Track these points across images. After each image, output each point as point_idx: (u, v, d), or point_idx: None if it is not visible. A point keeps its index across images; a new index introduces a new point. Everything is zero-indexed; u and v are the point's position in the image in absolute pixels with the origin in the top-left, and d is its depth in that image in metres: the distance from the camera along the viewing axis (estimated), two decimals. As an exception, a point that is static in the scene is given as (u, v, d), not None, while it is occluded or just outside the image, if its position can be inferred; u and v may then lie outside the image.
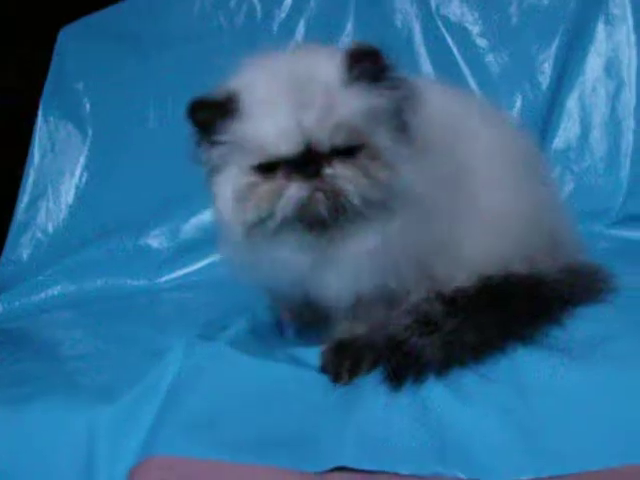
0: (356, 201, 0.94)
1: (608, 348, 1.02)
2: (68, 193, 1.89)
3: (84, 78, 1.94)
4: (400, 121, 0.98)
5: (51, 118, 1.91)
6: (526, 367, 0.98)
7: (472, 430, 0.92)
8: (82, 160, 1.90)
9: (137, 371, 1.11)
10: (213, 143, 0.99)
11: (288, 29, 1.86)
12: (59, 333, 1.49)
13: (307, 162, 0.94)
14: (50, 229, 1.87)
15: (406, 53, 1.81)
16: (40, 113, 1.91)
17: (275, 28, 1.88)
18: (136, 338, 1.34)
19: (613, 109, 1.81)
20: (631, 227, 1.71)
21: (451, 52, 1.80)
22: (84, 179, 1.90)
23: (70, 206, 1.88)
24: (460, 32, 1.80)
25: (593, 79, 1.82)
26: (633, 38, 1.79)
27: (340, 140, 0.94)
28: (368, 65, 0.96)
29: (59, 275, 1.80)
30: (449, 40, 1.81)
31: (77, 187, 1.89)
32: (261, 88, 0.98)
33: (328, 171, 0.94)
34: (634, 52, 1.79)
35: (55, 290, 1.78)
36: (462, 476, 0.88)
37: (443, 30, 1.81)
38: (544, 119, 1.81)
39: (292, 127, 0.93)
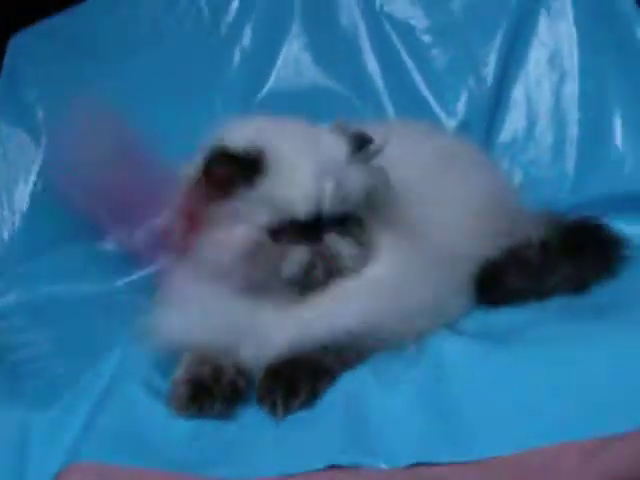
0: (349, 264, 1.04)
1: (530, 333, 1.05)
2: (22, 201, 1.89)
3: (37, 86, 1.94)
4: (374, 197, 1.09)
5: (3, 126, 1.91)
6: (449, 352, 1.02)
7: (394, 417, 0.94)
8: (36, 168, 1.90)
9: (75, 375, 1.13)
10: (225, 197, 1.02)
11: (235, 31, 1.88)
12: (6, 338, 1.49)
13: (313, 228, 1.03)
14: (5, 237, 1.87)
15: (352, 51, 1.84)
16: (-9, 121, 1.91)
17: (223, 31, 1.90)
18: (83, 341, 1.36)
19: (557, 101, 1.84)
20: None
21: (396, 48, 1.82)
22: (39, 186, 1.90)
23: (24, 214, 1.88)
24: (404, 29, 1.82)
25: (537, 72, 1.85)
26: (574, 30, 1.83)
27: (343, 210, 1.05)
28: (366, 150, 1.08)
29: (14, 283, 1.80)
30: (394, 37, 1.83)
31: (32, 194, 1.89)
32: (287, 151, 1.04)
33: (328, 236, 1.04)
34: (575, 44, 1.83)
35: (10, 298, 1.78)
36: (383, 466, 0.92)
37: (388, 27, 1.83)
38: (490, 112, 1.83)
39: (314, 193, 1.02)
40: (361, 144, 1.08)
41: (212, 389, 1.00)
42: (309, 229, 1.03)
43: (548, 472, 0.90)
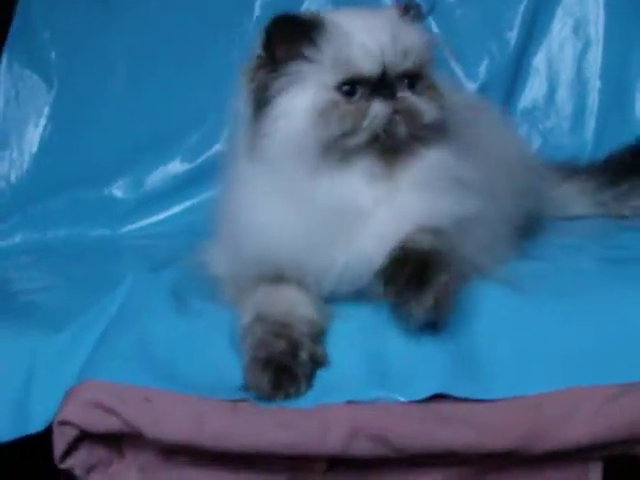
0: (427, 121, 1.02)
1: (558, 283, 1.04)
2: (32, 143, 1.86)
3: (50, 28, 1.91)
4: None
5: (15, 67, 1.88)
6: (477, 297, 1.00)
7: (411, 354, 0.93)
8: (47, 110, 1.87)
9: (84, 304, 1.12)
10: (288, 60, 1.01)
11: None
12: (13, 273, 1.48)
13: (384, 85, 1.01)
14: (13, 179, 1.84)
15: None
16: (4, 61, 1.88)
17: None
18: (90, 276, 1.35)
19: (580, 69, 1.82)
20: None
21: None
22: (49, 129, 1.87)
23: (34, 156, 1.85)
24: (430, -14, 1.80)
25: (560, 38, 1.82)
26: (601, -1, 1.80)
27: (407, 65, 1.02)
28: (416, 12, 1.08)
29: (21, 224, 1.78)
30: (418, -7, 1.80)
31: (41, 137, 1.86)
32: (344, 17, 1.04)
33: (401, 94, 1.02)
34: (602, 13, 1.80)
35: (17, 238, 1.76)
36: (401, 398, 0.90)
37: (412, -17, 1.80)
38: (511, 77, 1.81)
39: (374, 48, 1.01)
40: (407, 9, 1.08)
41: (293, 370, 0.92)
42: (381, 87, 1.01)
43: (566, 415, 0.89)
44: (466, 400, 0.90)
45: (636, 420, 0.90)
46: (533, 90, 1.83)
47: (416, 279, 0.92)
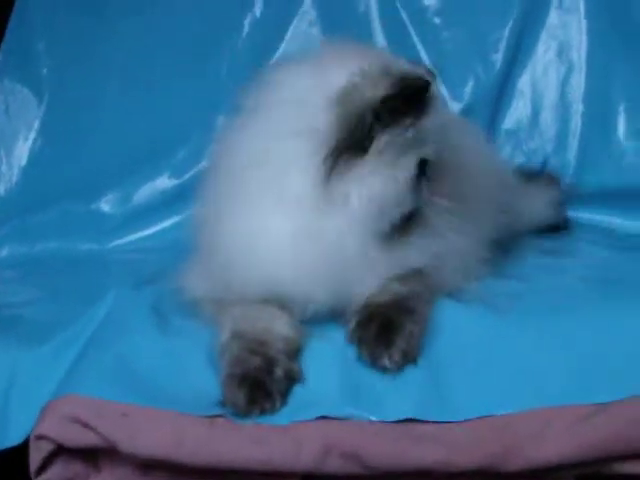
0: None
1: (530, 302, 1.06)
2: (21, 156, 1.87)
3: (43, 42, 1.93)
4: None
5: (6, 81, 1.90)
6: (448, 317, 1.02)
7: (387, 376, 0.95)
8: (37, 124, 1.89)
9: (67, 317, 1.13)
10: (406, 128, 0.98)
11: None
12: (-4, 286, 1.49)
13: None
14: (2, 192, 1.85)
15: (362, 28, 1.84)
16: (-5, 75, 1.90)
17: (234, -2, 1.89)
18: (75, 290, 1.36)
19: (563, 92, 1.85)
20: (577, 208, 1.74)
21: (406, 28, 1.82)
22: (38, 143, 1.89)
23: (23, 169, 1.86)
24: (416, 8, 1.83)
25: (545, 61, 1.85)
26: (584, 24, 1.83)
27: None
28: None
29: (9, 237, 1.79)
30: (405, 16, 1.83)
31: (31, 151, 1.87)
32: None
33: None
34: (584, 38, 1.83)
35: (4, 251, 1.77)
36: (373, 418, 0.92)
37: (399, 5, 1.83)
38: (495, 99, 1.84)
39: None
40: None
41: (268, 386, 0.93)
42: None
43: (537, 434, 0.91)
44: (437, 419, 0.91)
45: (608, 440, 0.92)
46: (517, 111, 1.86)
47: (383, 338, 0.96)
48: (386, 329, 0.96)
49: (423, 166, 1.02)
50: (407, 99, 0.97)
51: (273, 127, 1.01)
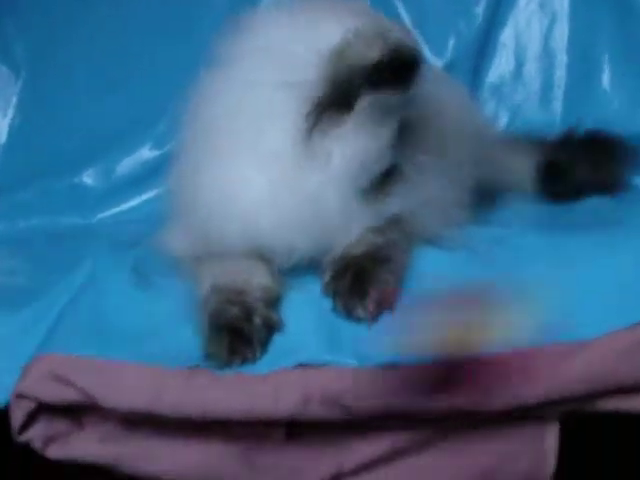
0: None
1: (507, 245, 1.05)
2: (1, 133, 1.85)
3: (17, 17, 1.90)
4: None
5: (-19, 57, 1.87)
6: (428, 262, 1.02)
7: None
8: (14, 100, 1.87)
9: (47, 284, 1.12)
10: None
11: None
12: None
13: None
14: (-18, 169, 1.84)
15: None
16: (-31, 53, 1.87)
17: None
18: (57, 260, 1.33)
19: (546, 44, 1.83)
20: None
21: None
22: (17, 119, 1.87)
23: (3, 146, 1.84)
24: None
25: (527, 13, 1.83)
26: (566, -28, 1.81)
27: None
28: None
29: (-9, 215, 1.79)
30: (383, -26, 1.80)
31: (10, 127, 1.86)
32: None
33: None
34: (566, -14, 1.81)
35: (-14, 230, 1.76)
36: (351, 363, 0.91)
37: (378, -36, 1.80)
38: (478, 53, 1.81)
39: None
40: None
41: (248, 334, 0.93)
42: None
43: (526, 370, 0.89)
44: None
45: (591, 377, 0.91)
46: (501, 66, 1.83)
47: (356, 289, 0.96)
48: (360, 280, 0.96)
49: (405, 124, 1.01)
50: (398, 70, 0.96)
51: (250, 77, 0.99)
